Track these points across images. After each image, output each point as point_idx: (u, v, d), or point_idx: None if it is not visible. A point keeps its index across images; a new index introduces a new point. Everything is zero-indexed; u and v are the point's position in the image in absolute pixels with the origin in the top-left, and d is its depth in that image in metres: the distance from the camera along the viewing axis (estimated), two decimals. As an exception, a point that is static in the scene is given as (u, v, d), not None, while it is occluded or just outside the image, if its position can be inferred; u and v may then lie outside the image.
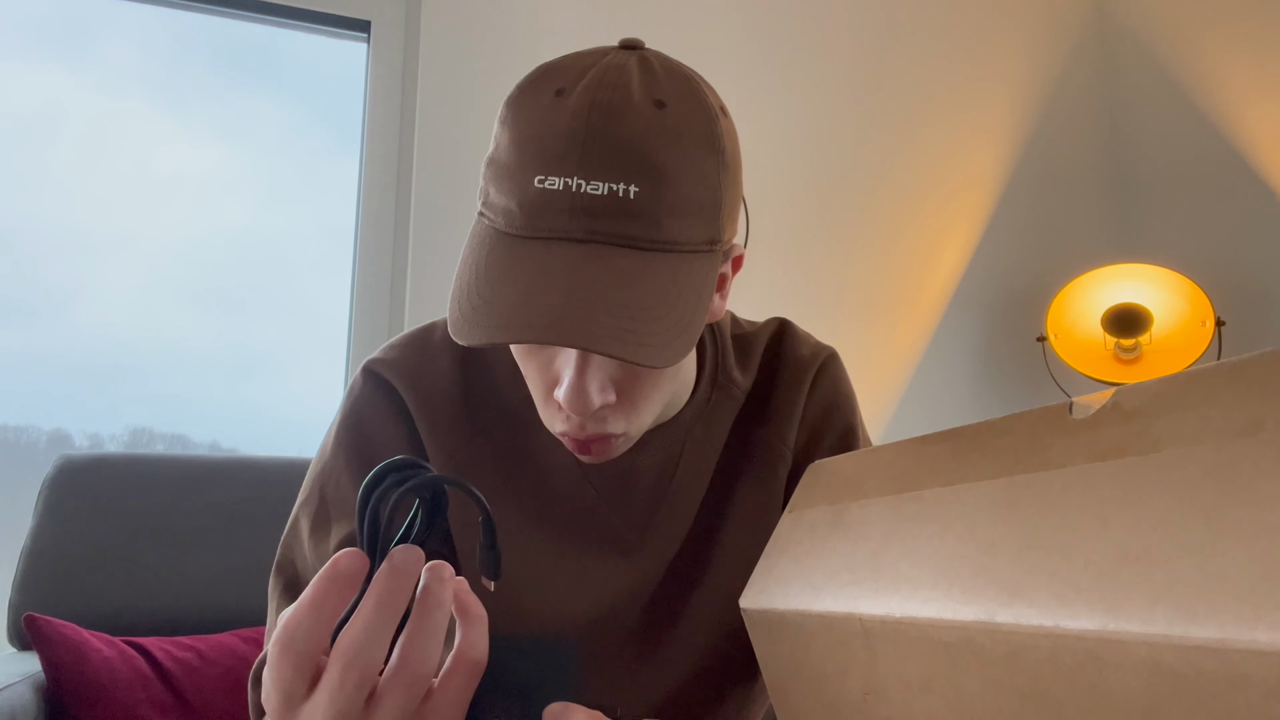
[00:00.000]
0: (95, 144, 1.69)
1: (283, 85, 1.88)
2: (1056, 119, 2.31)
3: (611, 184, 0.51)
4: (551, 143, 0.52)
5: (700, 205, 0.54)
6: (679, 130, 0.53)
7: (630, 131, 0.52)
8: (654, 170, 0.52)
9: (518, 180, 0.53)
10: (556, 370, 0.56)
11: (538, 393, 0.59)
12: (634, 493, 0.68)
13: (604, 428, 0.57)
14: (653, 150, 0.52)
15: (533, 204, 0.52)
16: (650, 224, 0.52)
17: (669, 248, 0.53)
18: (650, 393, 0.59)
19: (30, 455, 1.67)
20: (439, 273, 1.76)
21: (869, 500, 0.42)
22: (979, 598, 0.31)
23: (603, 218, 0.51)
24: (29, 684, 1.09)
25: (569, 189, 0.51)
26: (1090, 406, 0.33)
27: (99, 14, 1.72)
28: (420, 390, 0.67)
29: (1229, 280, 2.04)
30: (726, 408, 0.72)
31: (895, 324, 2.08)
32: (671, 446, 0.69)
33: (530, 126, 0.53)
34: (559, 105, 0.53)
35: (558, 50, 2.12)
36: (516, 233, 0.53)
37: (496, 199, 0.55)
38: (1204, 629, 0.23)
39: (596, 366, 0.55)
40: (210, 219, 1.78)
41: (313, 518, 0.65)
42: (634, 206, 0.51)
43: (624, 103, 0.53)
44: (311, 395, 1.82)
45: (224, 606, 1.31)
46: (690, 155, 0.53)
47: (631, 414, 0.58)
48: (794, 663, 0.43)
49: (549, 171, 0.51)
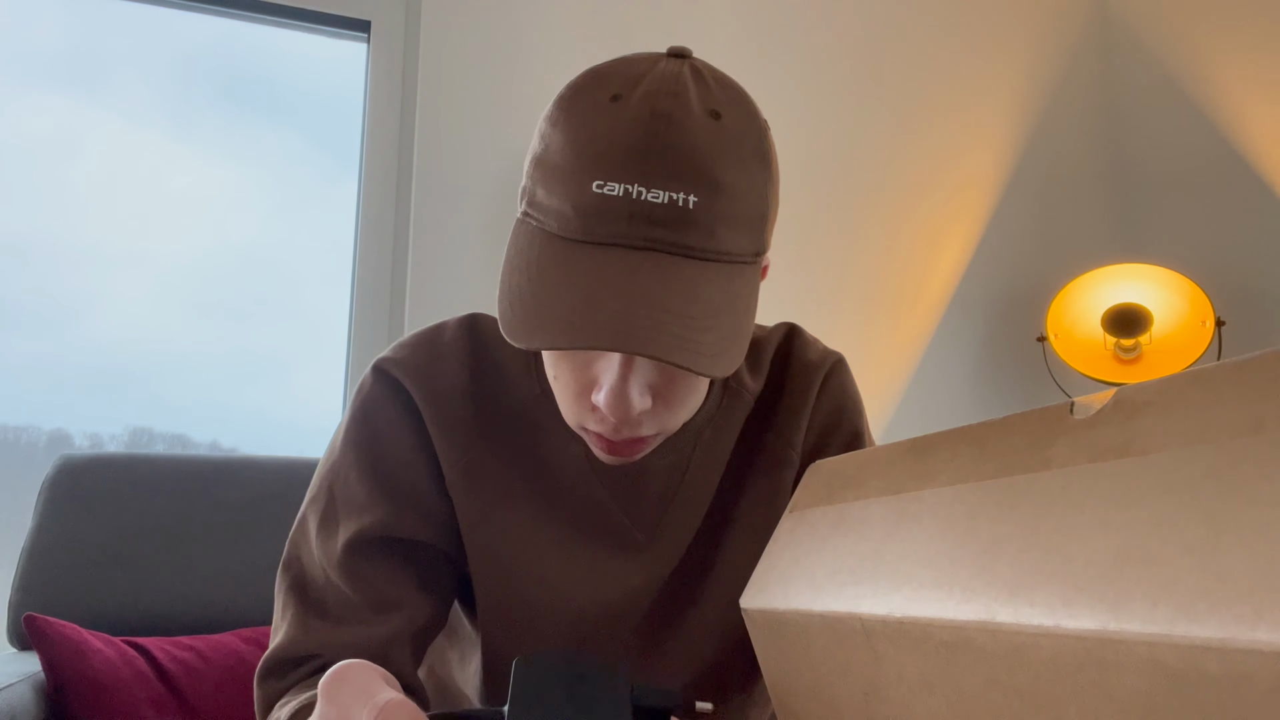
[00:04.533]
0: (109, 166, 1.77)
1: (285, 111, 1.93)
2: (1056, 119, 2.31)
3: (672, 193, 0.51)
4: (611, 149, 0.52)
5: (750, 216, 0.55)
6: (735, 142, 0.54)
7: (691, 141, 0.52)
8: (712, 181, 0.52)
9: (573, 184, 0.52)
10: (594, 374, 0.56)
11: (569, 392, 0.59)
12: (645, 492, 0.69)
13: (638, 431, 0.58)
14: (711, 161, 0.52)
15: (590, 209, 0.52)
16: (706, 234, 0.52)
17: (721, 258, 0.53)
18: (685, 398, 0.59)
19: (30, 455, 1.67)
20: (439, 274, 1.76)
21: (869, 500, 0.42)
22: (980, 597, 0.31)
23: (661, 226, 0.51)
24: (29, 684, 1.09)
25: (629, 196, 0.51)
26: (1091, 406, 0.33)
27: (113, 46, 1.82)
28: (430, 389, 0.66)
29: (1229, 280, 2.04)
30: (736, 410, 0.72)
31: (895, 324, 2.08)
32: (683, 448, 0.69)
33: (587, 130, 0.53)
34: (617, 110, 0.53)
35: (558, 50, 2.11)
36: (571, 237, 0.53)
37: (547, 201, 0.54)
38: (1205, 629, 0.23)
39: (638, 373, 0.55)
40: (216, 234, 1.84)
41: (320, 515, 0.65)
42: (692, 216, 0.52)
43: (684, 112, 0.53)
44: (312, 398, 1.83)
45: (224, 606, 1.31)
46: (744, 167, 0.54)
47: (666, 418, 0.59)
48: (794, 663, 0.43)
49: (608, 177, 0.51)
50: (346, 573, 0.63)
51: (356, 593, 0.63)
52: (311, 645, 0.62)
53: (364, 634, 0.62)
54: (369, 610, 0.63)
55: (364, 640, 0.62)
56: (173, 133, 1.84)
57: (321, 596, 0.64)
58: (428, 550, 0.66)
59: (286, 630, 0.63)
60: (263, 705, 0.62)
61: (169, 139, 1.84)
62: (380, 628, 0.62)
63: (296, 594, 0.64)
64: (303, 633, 0.62)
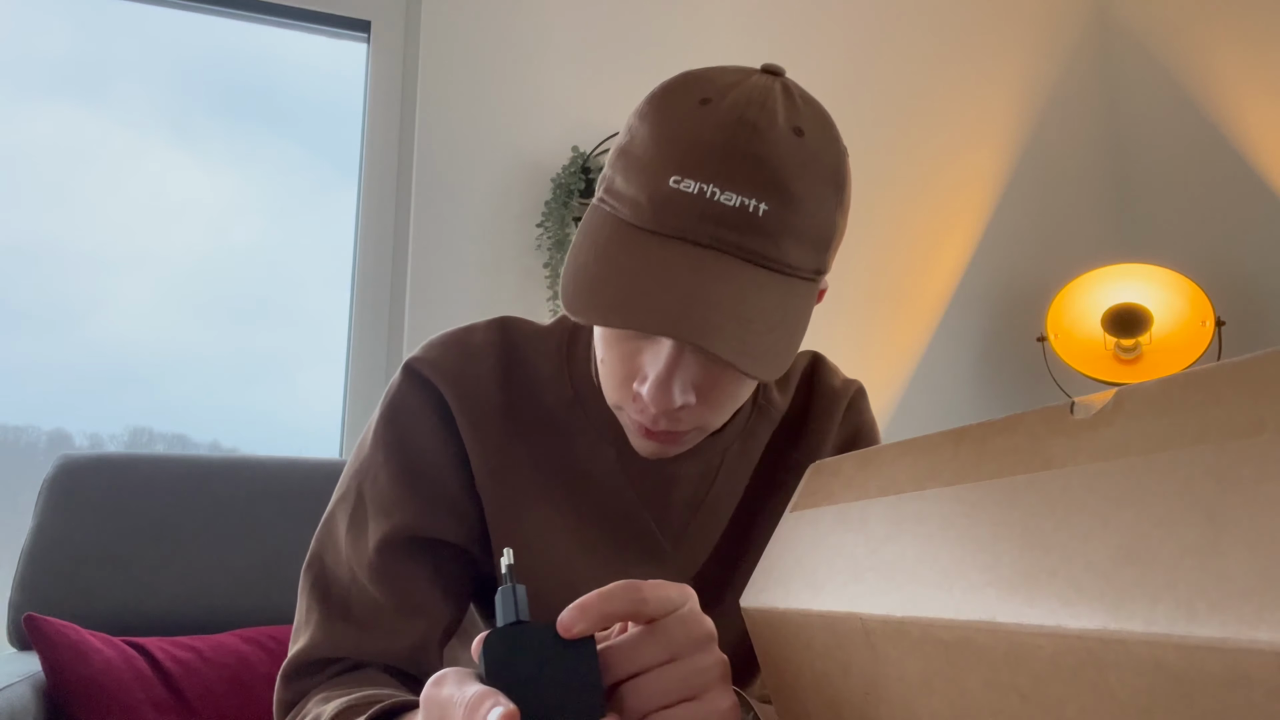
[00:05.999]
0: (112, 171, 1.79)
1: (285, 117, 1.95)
2: (1056, 119, 2.31)
3: (744, 197, 0.53)
4: (693, 148, 0.54)
5: (816, 235, 0.56)
6: (813, 160, 0.55)
7: (770, 152, 0.54)
8: (785, 192, 0.54)
9: (651, 176, 0.54)
10: (641, 362, 0.58)
11: (614, 376, 0.60)
12: (673, 499, 0.70)
13: (677, 425, 0.59)
14: (787, 174, 0.54)
15: (664, 201, 0.54)
16: (771, 243, 0.54)
17: (782, 269, 0.55)
18: (726, 401, 0.60)
19: (30, 455, 1.67)
20: (439, 275, 1.76)
21: (870, 500, 0.42)
22: (980, 597, 0.31)
23: (729, 228, 0.53)
24: (29, 684, 1.09)
25: (703, 194, 0.53)
26: (1092, 406, 0.33)
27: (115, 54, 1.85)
28: (462, 390, 0.67)
29: (1229, 280, 2.04)
30: (763, 427, 0.74)
31: (895, 324, 2.08)
32: (712, 459, 0.71)
33: (673, 128, 0.55)
34: (705, 113, 0.55)
35: (558, 50, 2.11)
36: (641, 225, 0.55)
37: (624, 189, 0.56)
38: (1205, 628, 0.23)
39: (684, 367, 0.56)
40: (218, 238, 1.85)
41: (350, 515, 0.66)
42: (760, 223, 0.53)
43: (768, 124, 0.54)
44: (313, 399, 1.84)
45: (224, 606, 1.31)
46: (818, 185, 0.55)
47: (706, 417, 0.60)
48: (795, 662, 0.43)
49: (685, 174, 0.53)
50: (377, 574, 0.64)
51: (385, 596, 0.63)
52: (339, 650, 0.63)
53: (393, 641, 0.63)
54: (397, 614, 0.63)
55: (394, 647, 0.63)
56: (175, 139, 1.86)
57: (346, 598, 0.64)
58: (454, 552, 0.68)
59: (311, 634, 0.64)
60: (285, 705, 0.62)
61: (171, 145, 1.85)
62: (409, 633, 0.63)
63: (320, 595, 0.65)
64: (327, 637, 0.63)
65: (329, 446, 1.81)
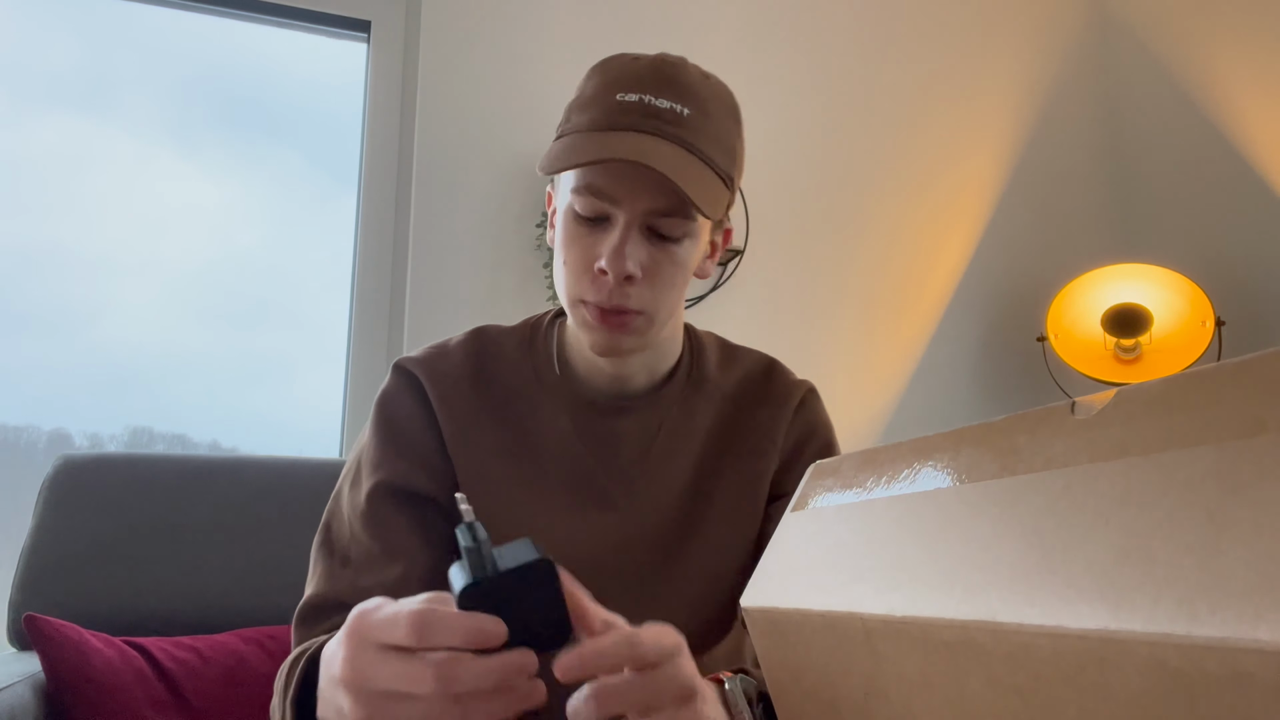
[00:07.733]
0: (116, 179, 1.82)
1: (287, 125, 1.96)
2: (1056, 119, 2.31)
3: (672, 103, 0.71)
4: (630, 75, 0.72)
5: (726, 144, 0.74)
6: (717, 93, 0.75)
7: (687, 79, 0.73)
8: (701, 104, 0.72)
9: (600, 99, 0.72)
10: (599, 246, 0.72)
11: (576, 267, 0.73)
12: (620, 454, 0.82)
13: (627, 302, 0.72)
14: (701, 94, 0.73)
15: (614, 109, 0.71)
16: (696, 135, 0.71)
17: (704, 158, 0.71)
18: (667, 288, 0.74)
19: (30, 455, 1.67)
20: (439, 274, 1.76)
21: (870, 500, 0.42)
22: (981, 597, 0.31)
23: (665, 122, 0.70)
24: (29, 684, 1.09)
25: (642, 100, 0.71)
26: (1093, 406, 0.33)
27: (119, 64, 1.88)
28: (434, 373, 0.81)
29: (1229, 280, 2.04)
30: (702, 401, 0.86)
31: (895, 324, 2.08)
32: (651, 419, 0.83)
33: (613, 72, 0.73)
34: (634, 60, 0.74)
35: (558, 50, 2.11)
36: (597, 129, 0.70)
37: (578, 119, 0.73)
38: (1206, 628, 0.23)
39: (634, 243, 0.71)
40: (220, 243, 1.87)
41: (351, 478, 0.80)
42: (686, 120, 0.71)
43: (682, 64, 0.74)
44: (313, 401, 1.84)
45: (224, 606, 1.31)
46: (722, 110, 0.75)
47: (649, 298, 0.73)
48: (795, 662, 0.43)
49: (627, 90, 0.71)
50: (367, 519, 0.76)
51: (373, 539, 0.75)
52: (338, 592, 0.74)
53: (379, 578, 0.73)
54: (384, 557, 0.74)
55: (379, 584, 0.73)
56: (177, 146, 1.87)
57: (346, 549, 0.76)
58: (433, 506, 0.79)
59: (317, 583, 0.76)
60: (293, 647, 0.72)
61: (173, 152, 1.87)
62: (392, 572, 0.74)
63: (326, 551, 0.77)
64: (330, 582, 0.75)
65: (329, 447, 1.81)
